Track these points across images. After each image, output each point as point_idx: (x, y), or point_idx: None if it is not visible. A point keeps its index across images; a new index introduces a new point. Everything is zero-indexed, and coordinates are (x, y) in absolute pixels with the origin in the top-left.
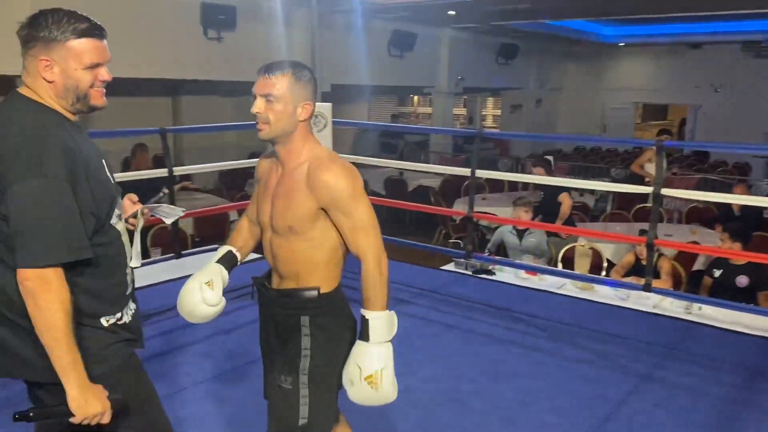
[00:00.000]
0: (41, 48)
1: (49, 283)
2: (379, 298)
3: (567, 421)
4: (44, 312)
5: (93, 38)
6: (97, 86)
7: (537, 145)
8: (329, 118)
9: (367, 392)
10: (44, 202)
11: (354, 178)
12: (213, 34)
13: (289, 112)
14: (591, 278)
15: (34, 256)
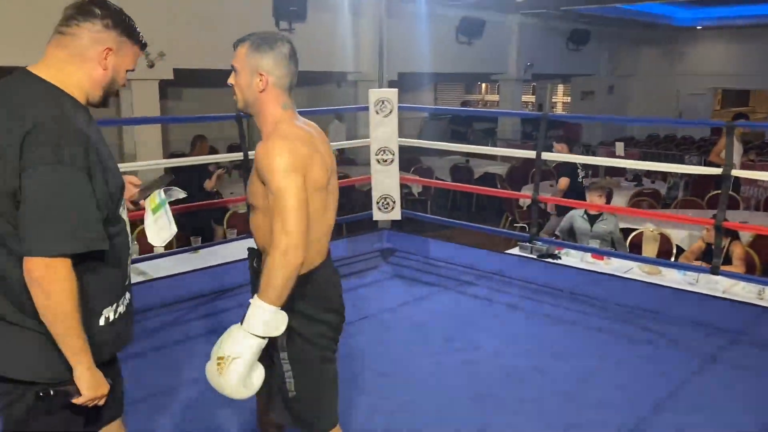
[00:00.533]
0: (113, 38)
1: (58, 273)
2: (270, 289)
3: (627, 397)
4: (53, 301)
5: (142, 51)
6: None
7: (609, 132)
8: (395, 103)
9: (212, 372)
10: (60, 189)
11: (286, 155)
12: (284, 26)
13: (246, 82)
14: (658, 261)
15: (44, 244)
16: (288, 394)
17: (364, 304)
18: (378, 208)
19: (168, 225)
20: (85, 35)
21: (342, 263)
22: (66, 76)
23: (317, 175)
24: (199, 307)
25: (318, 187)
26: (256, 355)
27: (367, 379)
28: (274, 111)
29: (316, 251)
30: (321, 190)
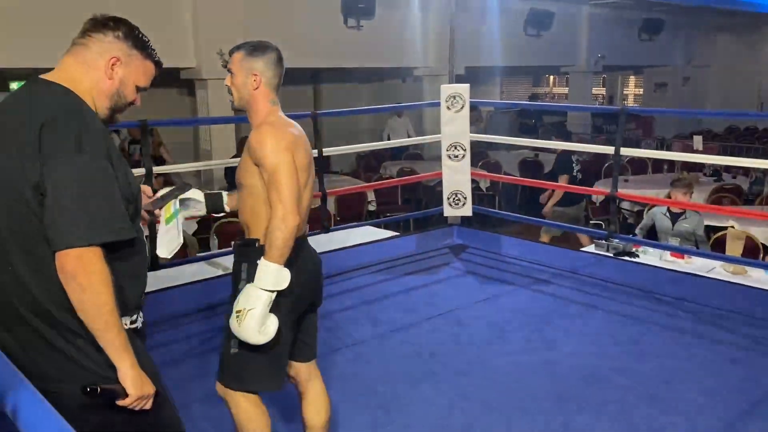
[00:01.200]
0: (122, 49)
1: (91, 264)
2: (273, 249)
3: (716, 402)
4: (90, 293)
5: (157, 69)
6: (126, 106)
7: (683, 125)
8: (467, 99)
9: (233, 324)
10: (84, 177)
11: (277, 138)
12: (352, 23)
13: (242, 82)
14: (745, 261)
15: (73, 235)
16: (230, 350)
17: (438, 302)
18: (449, 204)
19: (176, 236)
20: (94, 45)
21: (413, 259)
22: (76, 83)
23: (301, 156)
24: None
25: (301, 167)
26: (267, 306)
27: (446, 377)
28: (263, 106)
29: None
30: (303, 170)
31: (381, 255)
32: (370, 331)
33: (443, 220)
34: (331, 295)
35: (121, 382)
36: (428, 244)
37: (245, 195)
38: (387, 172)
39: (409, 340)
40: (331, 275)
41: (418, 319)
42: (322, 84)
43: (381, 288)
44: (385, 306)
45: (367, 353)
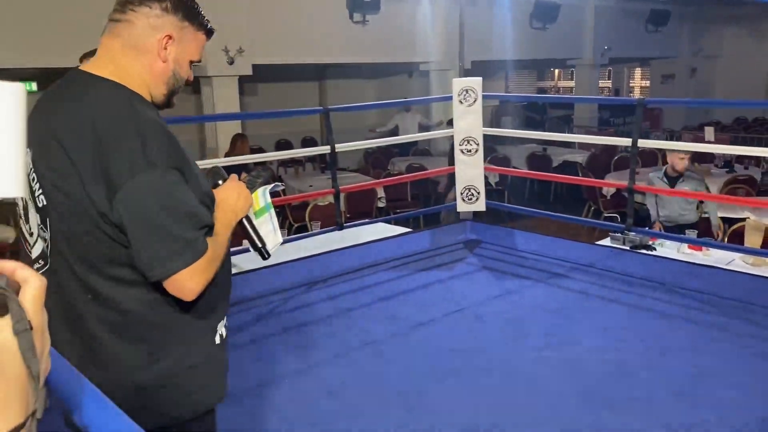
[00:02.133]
0: (173, 23)
1: (196, 277)
2: None
3: (746, 397)
4: (201, 287)
5: (208, 37)
6: (182, 86)
7: (691, 117)
8: (479, 92)
9: None
10: (162, 197)
11: None
12: (358, 18)
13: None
14: (765, 252)
15: (162, 264)
16: None
17: (455, 297)
18: (462, 199)
19: (273, 232)
20: (140, 21)
21: (427, 255)
22: (124, 72)
23: None
24: (290, 300)
25: None
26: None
27: (469, 374)
28: None
29: None
30: None
31: (395, 252)
32: (389, 329)
33: (454, 216)
34: (347, 292)
35: None
36: (442, 240)
37: None
38: (395, 168)
39: (429, 337)
40: (346, 272)
41: (436, 315)
42: (328, 80)
43: (397, 285)
44: (402, 303)
45: (388, 351)
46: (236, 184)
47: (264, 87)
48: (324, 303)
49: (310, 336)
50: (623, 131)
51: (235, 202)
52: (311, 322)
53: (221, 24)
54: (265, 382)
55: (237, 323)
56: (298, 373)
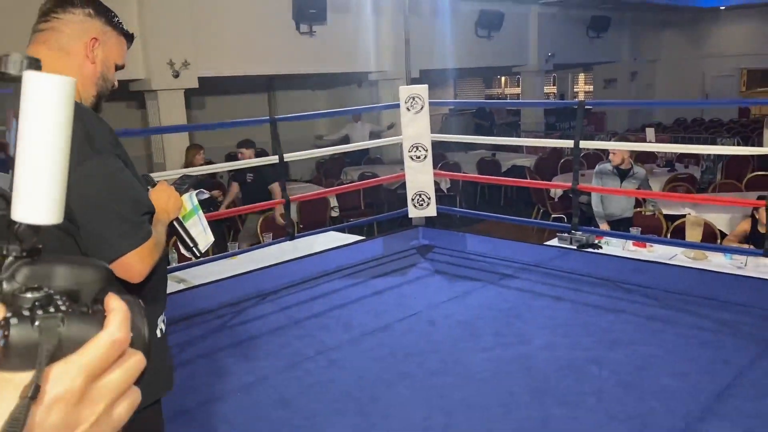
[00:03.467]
0: (97, 27)
1: (143, 259)
2: None
3: (689, 385)
4: (148, 269)
5: (129, 43)
6: (109, 91)
7: (634, 119)
8: (426, 99)
9: None
10: (105, 181)
11: None
12: (305, 29)
13: None
14: (704, 246)
15: (111, 245)
16: None
17: (408, 302)
18: (413, 206)
19: (203, 233)
20: (66, 27)
21: (380, 262)
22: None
23: None
24: (242, 313)
25: None
26: None
27: (421, 377)
28: None
29: None
30: None
31: (348, 260)
32: (343, 337)
33: (407, 223)
34: (300, 302)
35: None
36: (394, 247)
37: None
38: (348, 178)
39: (383, 342)
40: (299, 282)
41: (390, 321)
42: (277, 91)
43: (350, 292)
44: (355, 310)
45: (341, 359)
46: (167, 187)
47: (212, 100)
48: (276, 314)
49: (263, 347)
50: (569, 135)
51: (165, 203)
52: (264, 334)
53: (166, 37)
54: (217, 396)
55: (188, 338)
56: (250, 384)
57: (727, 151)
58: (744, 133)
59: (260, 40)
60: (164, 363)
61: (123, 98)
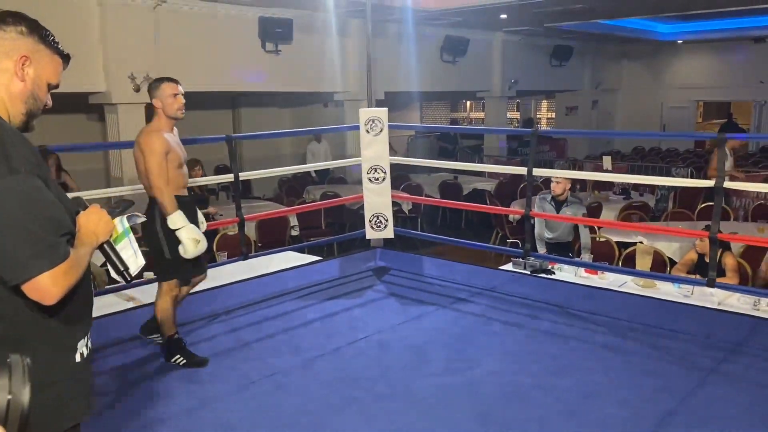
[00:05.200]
0: (29, 45)
1: (57, 282)
2: (165, 207)
3: (631, 413)
4: (67, 288)
5: (65, 63)
6: (40, 110)
7: (594, 147)
8: (385, 122)
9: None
10: (23, 201)
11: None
12: (271, 47)
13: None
14: (653, 275)
15: (24, 266)
16: (165, 255)
17: (360, 325)
18: (371, 227)
19: (134, 256)
20: None
21: (335, 284)
22: None
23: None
24: (190, 334)
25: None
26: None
27: (369, 402)
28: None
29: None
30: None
31: (303, 280)
32: (291, 360)
33: (367, 243)
34: (250, 324)
35: None
36: (351, 268)
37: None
38: (310, 197)
39: (332, 366)
40: (251, 303)
41: (341, 344)
42: (242, 108)
43: (303, 314)
44: (306, 332)
45: (288, 383)
46: (97, 210)
47: None
48: (225, 336)
49: (208, 370)
50: (534, 160)
51: (95, 225)
52: (211, 357)
53: (127, 50)
54: (157, 420)
55: (131, 360)
56: (193, 409)
57: (673, 182)
58: (698, 163)
59: (225, 57)
60: (84, 387)
61: (82, 111)
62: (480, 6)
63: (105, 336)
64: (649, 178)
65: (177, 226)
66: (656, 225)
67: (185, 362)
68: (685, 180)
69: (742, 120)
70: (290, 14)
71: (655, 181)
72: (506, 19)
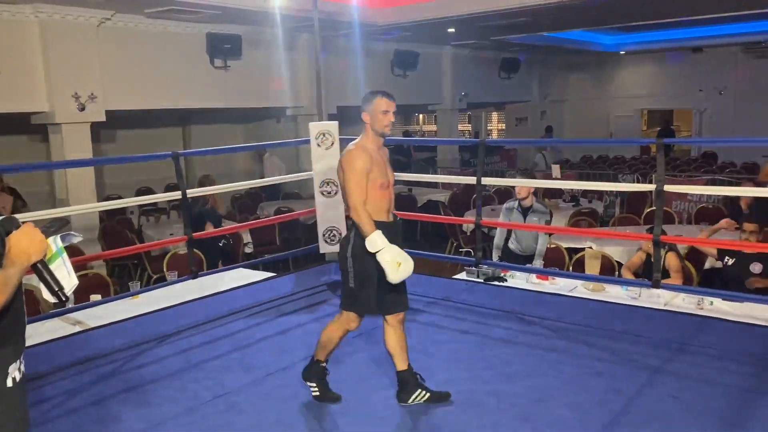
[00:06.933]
0: None
1: None
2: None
3: (582, 415)
4: None
5: None
6: None
7: None
8: (336, 136)
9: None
10: None
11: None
12: (219, 63)
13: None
14: (601, 279)
15: None
16: (348, 283)
17: (313, 340)
18: (324, 241)
19: (68, 276)
20: None
21: (289, 299)
22: None
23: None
24: (138, 357)
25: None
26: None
27: (322, 419)
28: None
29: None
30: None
31: (256, 298)
32: (243, 379)
33: (322, 258)
34: (202, 343)
35: None
36: (305, 283)
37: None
38: (264, 213)
39: (285, 383)
40: (202, 323)
41: (294, 360)
42: (193, 125)
43: (255, 332)
44: (259, 350)
45: (240, 402)
46: (31, 230)
47: (123, 133)
48: (175, 357)
49: (158, 393)
50: (483, 170)
51: (28, 245)
52: (160, 379)
53: (71, 69)
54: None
55: (76, 385)
56: None
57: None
58: (643, 169)
59: (173, 74)
60: (16, 412)
61: (25, 131)
62: (428, 20)
63: (50, 362)
64: (597, 184)
65: (376, 248)
66: (605, 230)
67: (318, 394)
68: (631, 185)
69: (685, 127)
70: (239, 30)
71: (603, 187)
72: (454, 33)
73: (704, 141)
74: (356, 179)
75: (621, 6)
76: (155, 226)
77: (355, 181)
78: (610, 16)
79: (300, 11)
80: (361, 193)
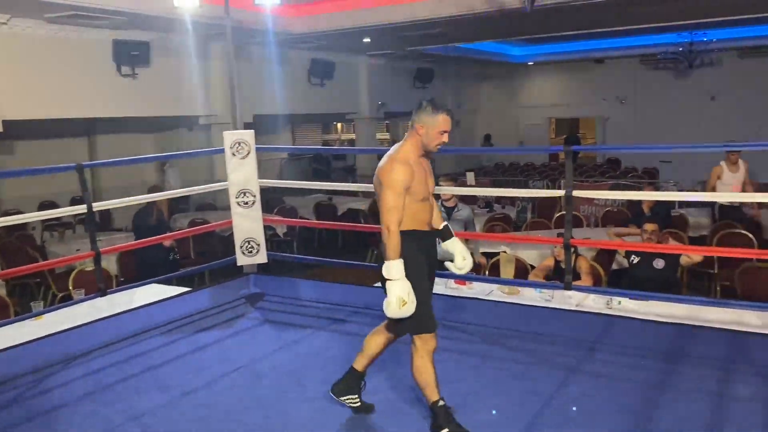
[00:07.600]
0: None
1: None
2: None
3: (505, 418)
4: None
5: None
6: None
7: (461, 164)
8: (252, 145)
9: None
10: None
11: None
12: (127, 71)
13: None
14: (516, 282)
15: None
16: None
17: (233, 356)
18: (242, 253)
19: None
20: None
21: (206, 315)
22: None
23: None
24: (42, 381)
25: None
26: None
27: None
28: None
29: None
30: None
31: (170, 314)
32: (158, 399)
33: (240, 270)
34: (113, 364)
35: None
36: (223, 297)
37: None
38: (177, 225)
39: (202, 402)
40: (112, 343)
41: (212, 377)
42: (99, 135)
43: (170, 350)
44: (174, 369)
45: (155, 423)
46: None
47: (23, 144)
48: (84, 379)
49: (65, 419)
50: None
51: None
52: (67, 403)
53: None
54: None
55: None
56: None
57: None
58: (553, 175)
59: (77, 82)
60: None
61: None
62: (343, 29)
63: None
64: (510, 191)
65: (390, 275)
66: (518, 235)
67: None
68: (541, 191)
69: (590, 135)
70: (147, 37)
71: (516, 193)
72: (370, 42)
73: (608, 148)
74: (393, 198)
75: (529, 19)
76: (60, 241)
77: (392, 200)
78: (516, 28)
79: (212, 18)
80: (397, 213)
